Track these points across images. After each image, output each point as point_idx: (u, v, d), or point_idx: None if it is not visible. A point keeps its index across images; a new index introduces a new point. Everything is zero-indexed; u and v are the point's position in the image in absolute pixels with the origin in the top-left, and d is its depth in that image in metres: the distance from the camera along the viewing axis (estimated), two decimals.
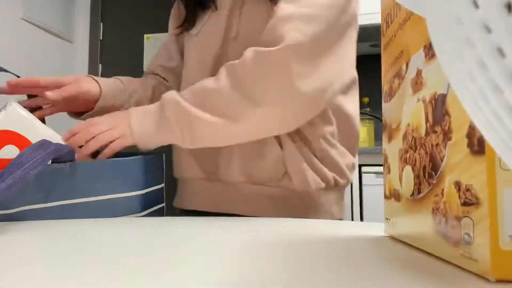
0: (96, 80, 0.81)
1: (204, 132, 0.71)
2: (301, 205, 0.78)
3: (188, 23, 0.88)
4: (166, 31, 1.00)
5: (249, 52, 0.70)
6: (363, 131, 2.54)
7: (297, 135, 0.77)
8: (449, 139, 0.28)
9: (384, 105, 0.43)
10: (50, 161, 0.56)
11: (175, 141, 0.72)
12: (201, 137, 0.71)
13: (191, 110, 0.69)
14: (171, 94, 0.72)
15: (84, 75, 0.81)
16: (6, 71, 0.78)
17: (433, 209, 0.30)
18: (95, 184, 0.59)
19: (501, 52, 0.11)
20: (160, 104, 0.72)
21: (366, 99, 2.90)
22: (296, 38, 0.67)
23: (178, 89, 0.83)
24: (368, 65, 2.94)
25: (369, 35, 2.73)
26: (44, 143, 0.54)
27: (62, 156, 0.57)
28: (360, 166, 1.74)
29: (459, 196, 0.26)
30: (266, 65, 0.68)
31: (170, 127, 0.70)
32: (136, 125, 0.70)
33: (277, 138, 0.77)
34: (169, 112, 0.70)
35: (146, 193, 0.64)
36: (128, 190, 0.62)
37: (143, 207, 0.63)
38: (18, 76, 0.76)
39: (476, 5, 0.11)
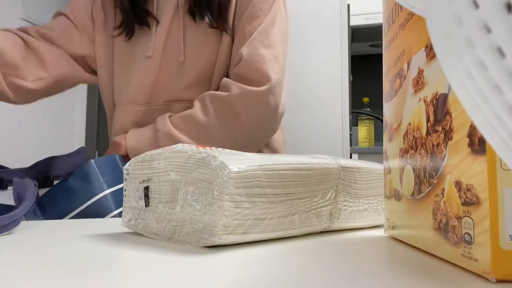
0: None
1: None
2: None
3: (125, 30, 0.89)
4: None
5: (235, 89, 0.79)
6: (363, 131, 2.54)
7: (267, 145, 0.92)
8: (450, 138, 0.28)
9: (385, 105, 0.43)
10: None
11: None
12: None
13: (180, 137, 0.79)
14: (165, 127, 0.80)
15: None
16: None
17: (433, 209, 0.30)
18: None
19: (501, 52, 0.11)
20: (156, 136, 0.81)
21: (366, 99, 2.89)
22: (276, 79, 0.81)
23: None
24: (368, 65, 2.94)
25: (369, 35, 2.72)
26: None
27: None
28: None
29: (460, 196, 0.26)
30: (255, 103, 0.80)
31: None
32: (131, 142, 0.82)
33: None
34: (162, 145, 0.79)
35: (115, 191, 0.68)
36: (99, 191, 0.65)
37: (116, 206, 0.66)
38: None
39: (476, 5, 0.11)
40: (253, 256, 0.32)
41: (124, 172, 0.42)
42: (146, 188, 0.39)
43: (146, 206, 0.39)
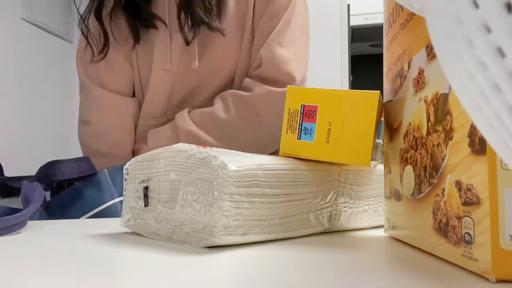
0: None
1: None
2: None
3: (135, 40, 0.86)
4: None
5: (259, 89, 0.78)
6: None
7: None
8: (451, 138, 0.28)
9: (386, 105, 0.43)
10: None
11: None
12: None
13: (204, 138, 0.78)
14: (184, 124, 0.79)
15: None
16: None
17: (433, 208, 0.30)
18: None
19: (501, 52, 0.11)
20: (176, 134, 0.80)
21: None
22: (300, 78, 0.80)
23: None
24: (368, 65, 2.94)
25: (369, 35, 2.73)
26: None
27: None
28: None
29: (460, 196, 0.26)
30: (279, 104, 0.77)
31: None
32: (152, 143, 0.81)
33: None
34: (182, 140, 0.78)
35: None
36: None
37: None
38: None
39: (476, 5, 0.11)
40: (253, 256, 0.31)
41: (124, 172, 0.42)
42: (146, 188, 0.39)
43: (145, 206, 0.39)
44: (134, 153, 0.84)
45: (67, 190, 0.64)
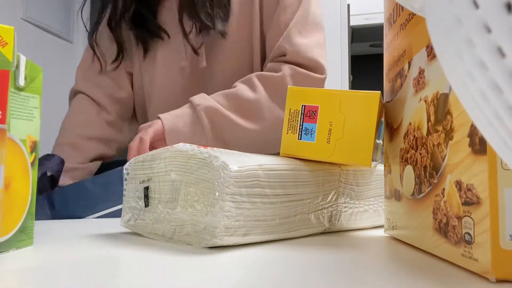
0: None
1: (238, 137, 0.75)
2: None
3: (144, 50, 0.88)
4: None
5: (288, 70, 0.78)
6: None
7: None
8: (451, 138, 0.28)
9: (386, 105, 0.43)
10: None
11: (204, 143, 0.75)
12: (234, 140, 0.76)
13: (228, 114, 0.74)
14: (205, 101, 0.75)
15: None
16: None
17: (433, 208, 0.30)
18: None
19: (501, 52, 0.11)
20: (195, 112, 0.75)
21: None
22: (325, 63, 0.82)
23: (120, 121, 0.90)
24: (368, 65, 2.94)
25: (369, 35, 2.72)
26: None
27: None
28: None
29: (460, 196, 0.26)
30: (306, 85, 0.75)
31: (205, 135, 0.74)
32: (168, 122, 0.75)
33: None
34: (205, 121, 0.74)
35: None
36: None
37: None
38: None
39: (476, 5, 0.11)
40: (254, 257, 0.32)
41: (124, 172, 0.42)
42: (146, 188, 0.39)
43: (145, 207, 0.39)
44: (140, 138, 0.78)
45: (73, 186, 0.64)
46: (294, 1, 0.81)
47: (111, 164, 0.82)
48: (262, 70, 0.84)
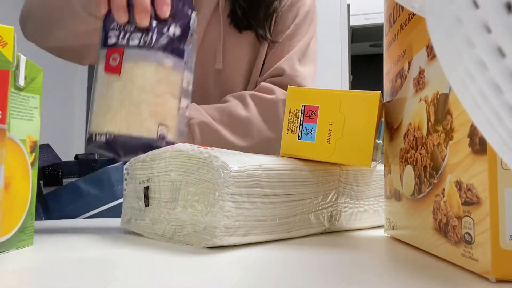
0: None
1: (227, 150, 0.79)
2: None
3: None
4: None
5: (281, 94, 0.81)
6: None
7: None
8: (451, 138, 0.28)
9: (386, 105, 0.43)
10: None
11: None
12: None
13: (219, 129, 0.77)
14: (200, 115, 0.77)
15: None
16: None
17: (433, 208, 0.30)
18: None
19: (501, 52, 0.11)
20: (188, 127, 0.77)
21: None
22: None
23: None
24: (368, 65, 2.94)
25: (369, 35, 2.72)
26: None
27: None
28: None
29: (460, 196, 0.26)
30: None
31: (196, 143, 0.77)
32: None
33: None
34: (197, 136, 0.76)
35: None
36: None
37: None
38: None
39: (476, 5, 0.11)
40: (254, 257, 0.32)
41: (124, 172, 0.42)
42: (146, 188, 0.39)
43: (145, 207, 0.39)
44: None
45: (66, 186, 0.64)
46: (303, 32, 0.88)
47: (106, 162, 0.82)
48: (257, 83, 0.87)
